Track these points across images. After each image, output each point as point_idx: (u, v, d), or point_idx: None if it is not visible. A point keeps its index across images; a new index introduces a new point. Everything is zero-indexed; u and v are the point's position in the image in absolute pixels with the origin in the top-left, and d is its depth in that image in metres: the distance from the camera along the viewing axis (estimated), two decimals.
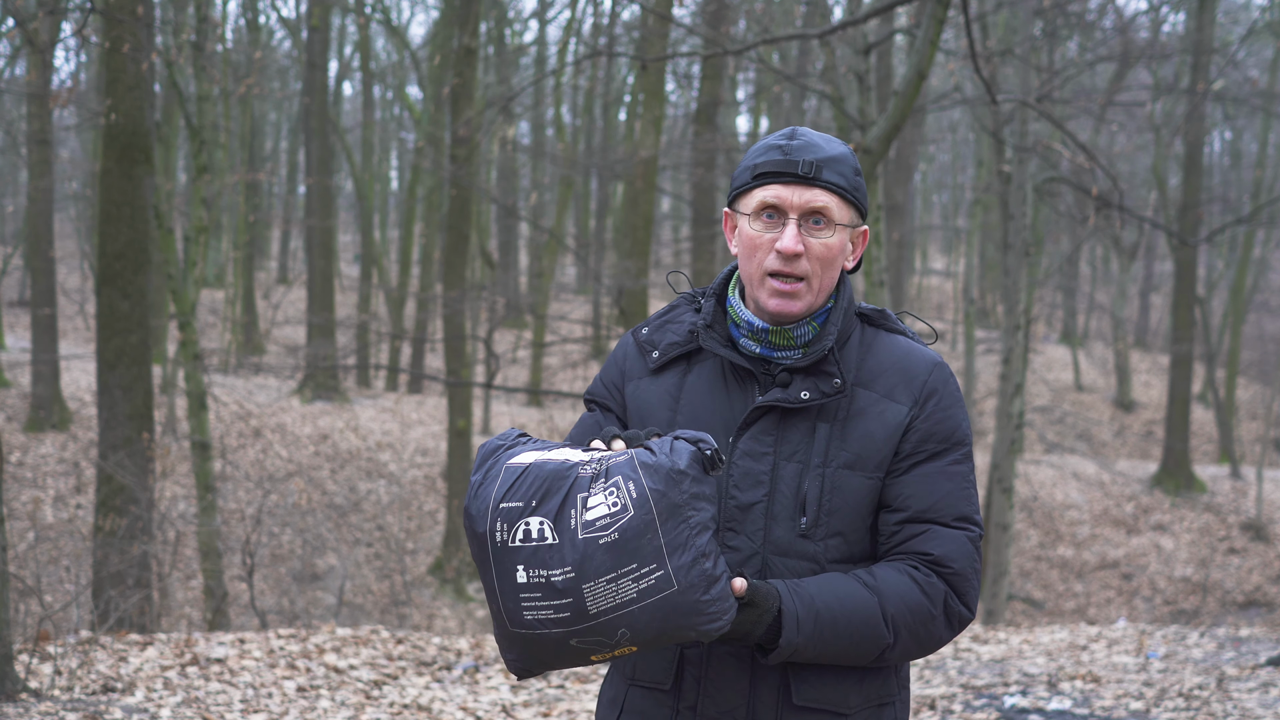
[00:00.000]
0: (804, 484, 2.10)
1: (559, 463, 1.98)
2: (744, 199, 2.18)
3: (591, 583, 1.90)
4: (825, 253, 2.13)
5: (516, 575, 1.94)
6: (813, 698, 2.10)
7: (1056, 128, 11.44)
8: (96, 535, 10.67)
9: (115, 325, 10.75)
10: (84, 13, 9.53)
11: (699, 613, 1.92)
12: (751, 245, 2.15)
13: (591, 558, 1.90)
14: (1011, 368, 14.48)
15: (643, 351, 2.25)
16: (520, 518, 1.95)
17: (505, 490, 1.97)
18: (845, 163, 2.15)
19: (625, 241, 14.29)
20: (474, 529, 1.99)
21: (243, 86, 19.73)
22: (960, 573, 2.10)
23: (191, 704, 5.78)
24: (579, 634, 1.93)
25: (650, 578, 1.91)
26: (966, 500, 2.14)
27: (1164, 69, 22.80)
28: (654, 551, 1.91)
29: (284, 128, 38.13)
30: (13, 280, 33.34)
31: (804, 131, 2.18)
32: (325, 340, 22.84)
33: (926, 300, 42.81)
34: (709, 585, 1.93)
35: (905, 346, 2.21)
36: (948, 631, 2.11)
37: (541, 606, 1.93)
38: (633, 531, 1.91)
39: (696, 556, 1.92)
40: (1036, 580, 20.49)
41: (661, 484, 1.93)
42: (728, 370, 2.19)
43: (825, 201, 2.12)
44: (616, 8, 21.48)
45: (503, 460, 2.02)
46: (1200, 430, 28.74)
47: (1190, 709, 6.20)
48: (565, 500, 1.94)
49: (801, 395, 2.12)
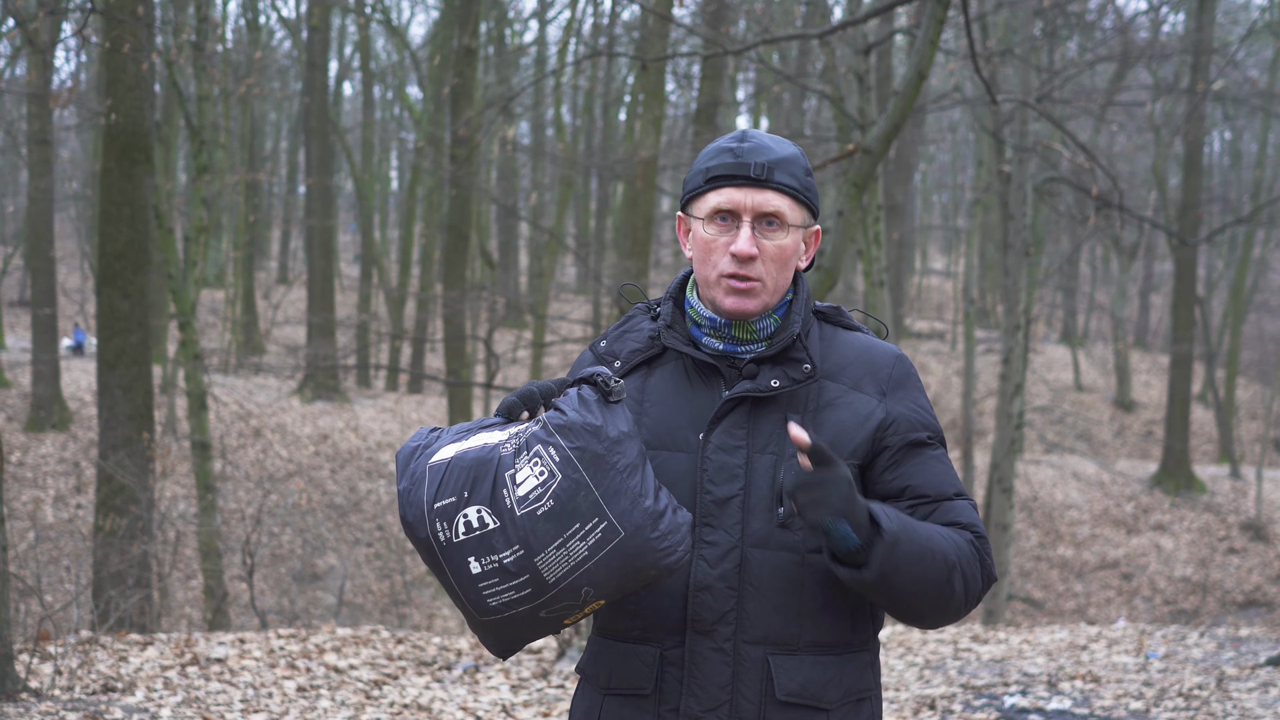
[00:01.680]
0: (779, 475, 2.11)
1: (479, 449, 2.01)
2: (697, 203, 2.19)
3: (541, 554, 1.93)
4: (779, 254, 2.15)
5: (470, 567, 1.97)
6: (795, 692, 2.10)
7: (1056, 128, 11.44)
8: (96, 535, 10.67)
9: (115, 325, 10.75)
10: (84, 13, 9.53)
11: (653, 549, 1.95)
12: (706, 249, 2.16)
13: (534, 530, 1.93)
14: (1011, 368, 14.48)
15: (603, 363, 2.26)
16: (457, 511, 1.97)
17: (435, 489, 1.99)
18: (796, 164, 2.17)
19: (625, 241, 14.28)
20: (416, 535, 2.01)
21: (243, 86, 19.76)
22: (983, 535, 2.15)
23: (191, 704, 5.78)
24: (545, 604, 1.96)
25: (596, 532, 1.93)
26: (957, 479, 2.20)
27: (1164, 69, 22.80)
28: (591, 506, 1.94)
29: (284, 128, 38.13)
30: (13, 280, 33.34)
31: (754, 133, 2.19)
32: (325, 340, 22.85)
33: (926, 300, 42.81)
34: (655, 521, 1.95)
35: (865, 341, 2.23)
36: (982, 585, 2.13)
37: (502, 590, 1.96)
38: (566, 494, 1.93)
39: (634, 498, 1.95)
40: (1036, 580, 20.49)
41: (580, 439, 1.96)
42: (691, 369, 2.20)
43: (778, 205, 2.14)
44: (616, 8, 21.49)
45: (424, 461, 2.04)
46: (1200, 430, 28.74)
47: (1190, 709, 6.20)
48: (495, 483, 1.96)
49: (771, 384, 2.13)
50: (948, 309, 41.50)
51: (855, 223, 11.74)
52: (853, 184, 7.05)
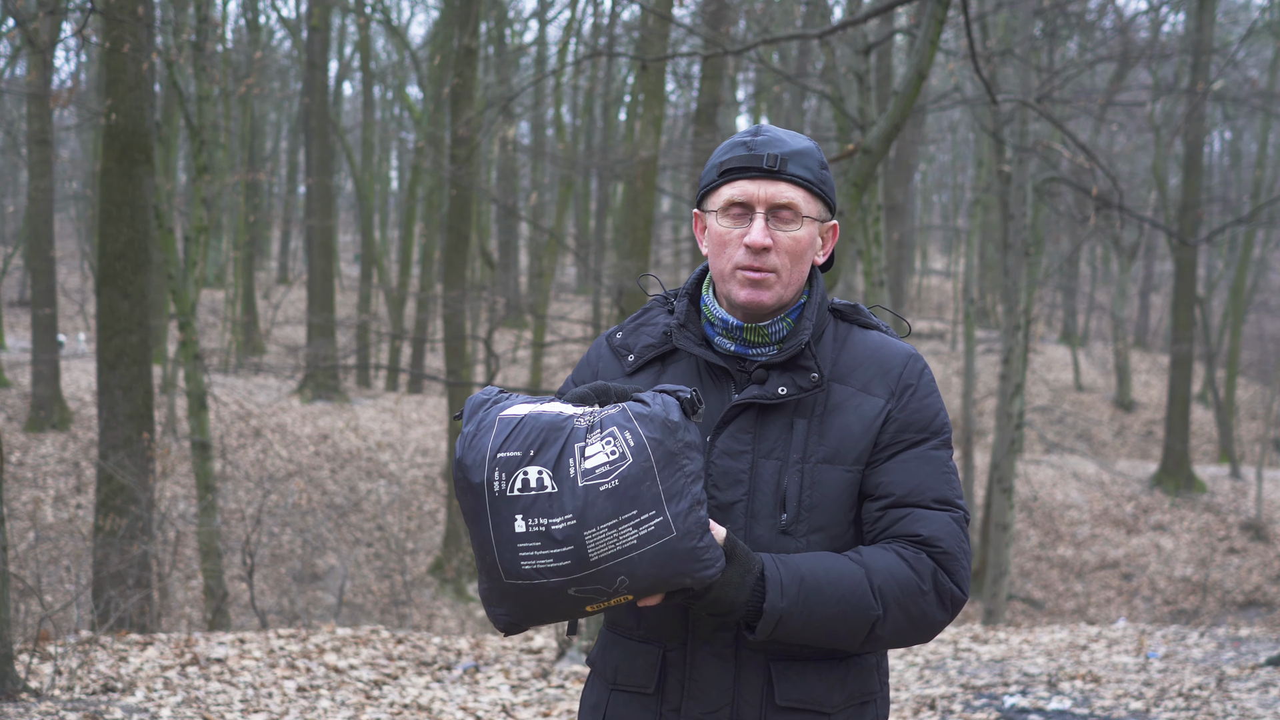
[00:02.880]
0: (783, 480, 2.10)
1: (554, 414, 2.00)
2: (712, 197, 2.19)
3: (594, 529, 1.92)
4: (794, 246, 2.14)
5: (515, 525, 1.95)
6: (796, 697, 2.10)
7: (1056, 128, 11.44)
8: (96, 535, 10.67)
9: (115, 325, 10.75)
10: (84, 13, 9.53)
11: (695, 559, 1.95)
12: (721, 242, 2.16)
13: (593, 504, 1.92)
14: (1011, 368, 14.48)
15: (617, 355, 2.26)
16: (519, 467, 1.96)
17: (502, 440, 1.98)
18: (811, 156, 2.16)
19: (625, 241, 14.27)
20: (469, 479, 1.98)
21: (243, 86, 19.75)
22: (948, 551, 2.08)
23: (191, 704, 5.77)
24: (578, 582, 1.94)
25: (650, 524, 1.93)
26: (947, 484, 2.13)
27: (1164, 69, 22.79)
28: (653, 498, 1.93)
29: (284, 128, 38.12)
30: (13, 280, 33.35)
31: (768, 128, 2.19)
32: (325, 340, 22.84)
33: (926, 300, 42.80)
34: (703, 532, 1.96)
35: (879, 340, 2.21)
36: (940, 611, 2.09)
37: (541, 555, 1.94)
38: (632, 479, 1.93)
39: (692, 504, 1.95)
40: (1036, 580, 20.48)
41: (658, 433, 1.96)
42: (703, 369, 2.20)
43: (791, 196, 2.13)
44: (616, 8, 21.49)
45: (494, 412, 2.03)
46: (1200, 430, 28.74)
47: (1190, 709, 6.20)
48: (563, 450, 1.96)
49: (779, 391, 2.12)
50: (948, 309, 41.49)
51: (855, 223, 11.75)
52: (853, 184, 7.05)
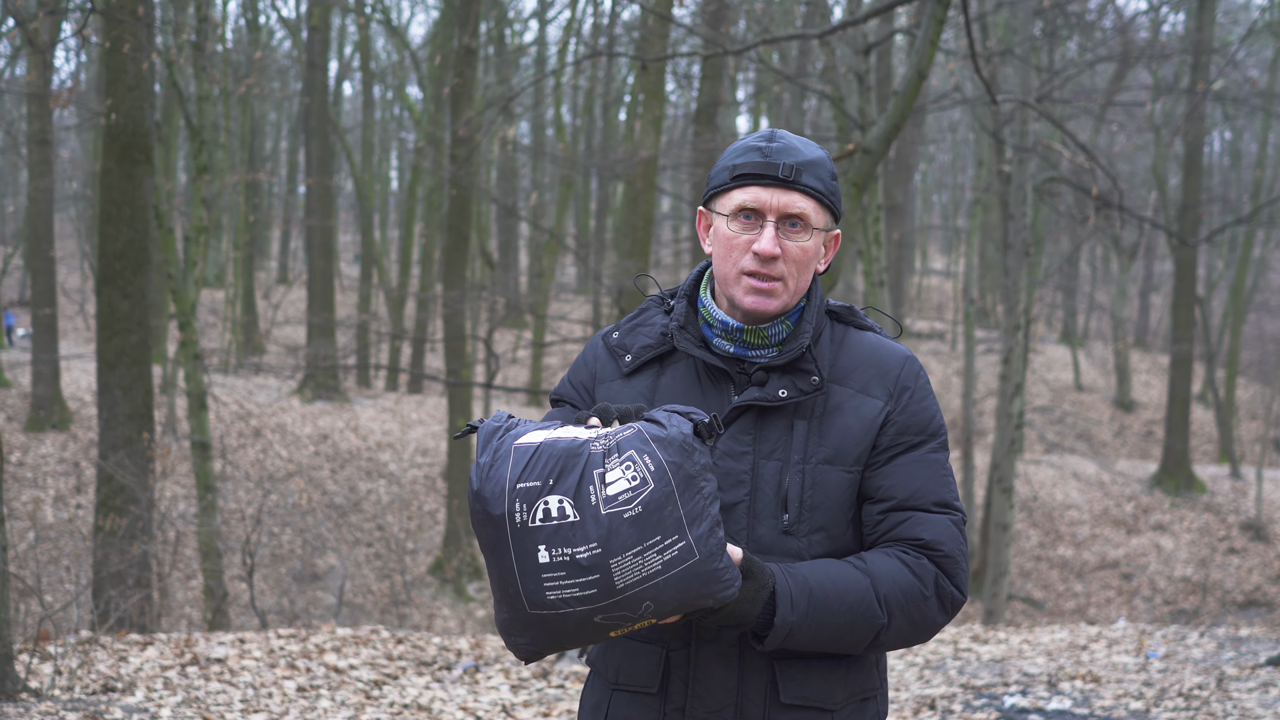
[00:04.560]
0: (785, 481, 2.11)
1: (569, 440, 1.98)
2: (721, 199, 2.18)
3: (619, 557, 1.91)
4: (801, 255, 2.14)
5: (538, 555, 1.93)
6: (800, 695, 2.11)
7: (1056, 128, 11.44)
8: (96, 535, 10.67)
9: (115, 325, 10.75)
10: (84, 13, 9.53)
11: (717, 580, 1.94)
12: (728, 245, 2.15)
13: (617, 532, 1.91)
14: (1011, 368, 14.48)
15: (614, 355, 2.25)
16: (539, 497, 1.93)
17: (520, 470, 1.96)
18: (823, 167, 2.16)
19: (625, 241, 14.28)
20: (489, 511, 1.96)
21: (243, 86, 19.76)
22: (949, 555, 2.11)
23: (191, 704, 5.77)
24: (604, 610, 1.93)
25: (674, 549, 1.92)
26: (945, 487, 2.15)
27: (1164, 69, 22.80)
28: (675, 523, 1.92)
29: (284, 128, 38.13)
30: (13, 280, 33.35)
31: (782, 134, 2.18)
32: (325, 340, 22.85)
33: (926, 300, 42.81)
34: (723, 553, 1.95)
35: (875, 342, 2.22)
36: (941, 614, 2.12)
37: (566, 585, 1.92)
38: (655, 504, 1.92)
39: (712, 525, 1.94)
40: (1036, 580, 20.49)
41: (676, 456, 1.94)
42: (702, 371, 2.20)
43: (803, 206, 2.13)
44: (616, 8, 21.50)
45: (509, 440, 2.01)
46: (1200, 430, 28.74)
47: (1190, 709, 6.20)
48: (583, 477, 1.93)
49: (779, 393, 2.13)
50: (948, 309, 41.51)
51: (855, 223, 11.75)
52: (853, 184, 7.05)
